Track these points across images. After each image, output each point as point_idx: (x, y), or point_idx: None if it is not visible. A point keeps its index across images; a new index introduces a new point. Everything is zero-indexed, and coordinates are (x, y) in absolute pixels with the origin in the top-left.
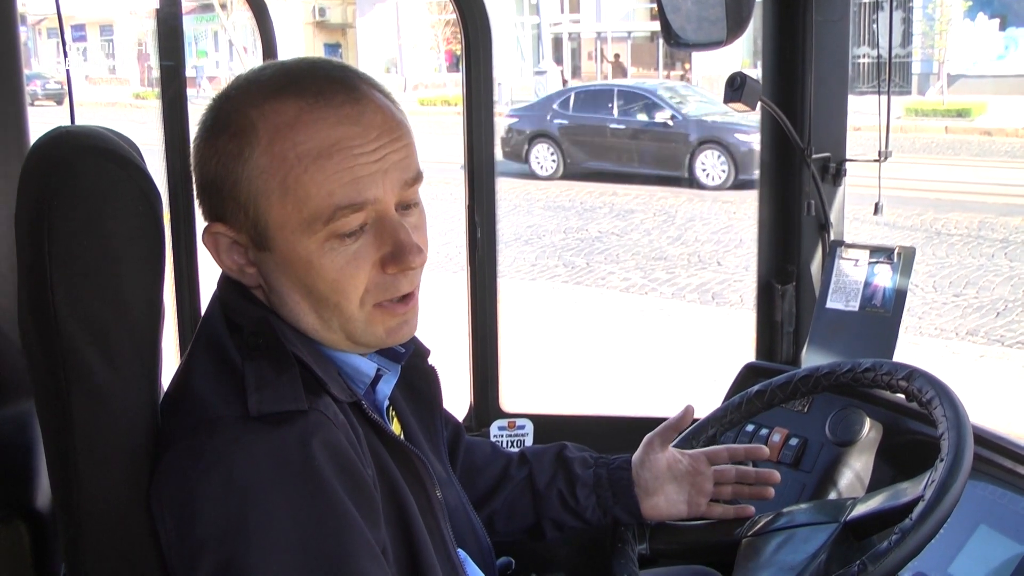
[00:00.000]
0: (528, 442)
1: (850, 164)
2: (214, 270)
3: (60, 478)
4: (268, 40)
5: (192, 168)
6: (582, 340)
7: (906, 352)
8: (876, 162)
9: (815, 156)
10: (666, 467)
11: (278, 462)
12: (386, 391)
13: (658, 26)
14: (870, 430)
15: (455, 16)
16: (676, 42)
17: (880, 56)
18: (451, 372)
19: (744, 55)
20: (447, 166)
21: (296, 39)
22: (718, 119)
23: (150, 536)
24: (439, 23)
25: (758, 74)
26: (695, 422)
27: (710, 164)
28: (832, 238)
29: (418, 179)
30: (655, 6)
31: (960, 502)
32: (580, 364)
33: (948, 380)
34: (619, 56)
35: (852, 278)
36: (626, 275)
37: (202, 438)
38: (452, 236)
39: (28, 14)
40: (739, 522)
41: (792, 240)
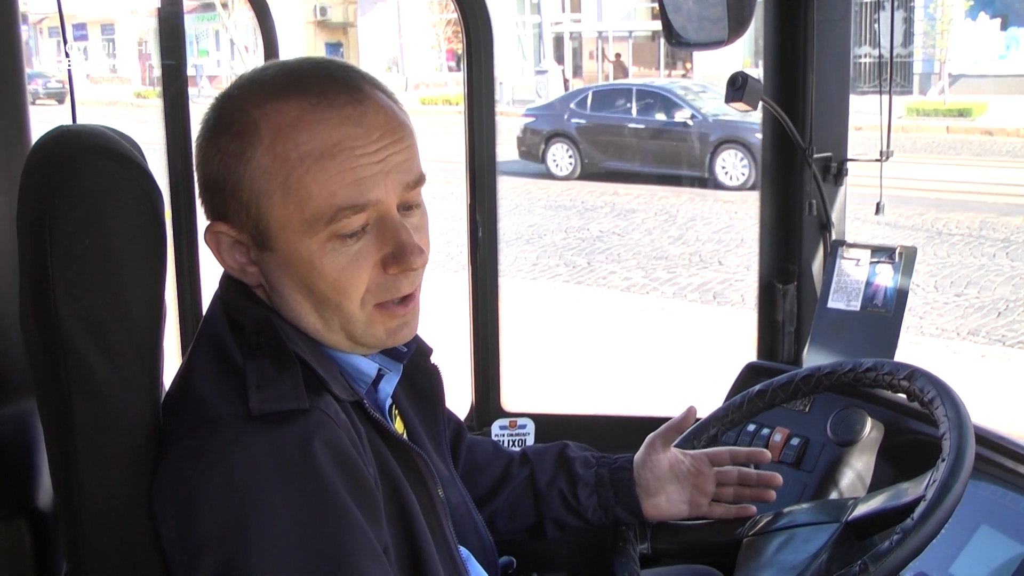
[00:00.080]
0: (529, 441)
1: (851, 164)
2: (216, 269)
3: (61, 477)
4: (269, 39)
5: (194, 167)
6: (583, 339)
7: (907, 352)
8: (877, 162)
9: (816, 156)
10: (668, 467)
11: (279, 461)
12: (388, 390)
13: (659, 25)
14: (871, 430)
15: (456, 15)
16: (677, 42)
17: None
18: (452, 371)
19: (745, 54)
20: (448, 165)
21: (297, 38)
22: (738, 118)
23: (151, 535)
24: (440, 22)
25: (759, 73)
26: (696, 421)
27: (731, 164)
28: (833, 238)
29: (420, 181)
30: (656, 5)
31: (961, 502)
32: (581, 363)
33: (949, 380)
34: (620, 55)
35: (853, 278)
36: (627, 274)
37: (203, 437)
38: (453, 235)
39: (29, 13)
40: (740, 522)
41: (793, 240)
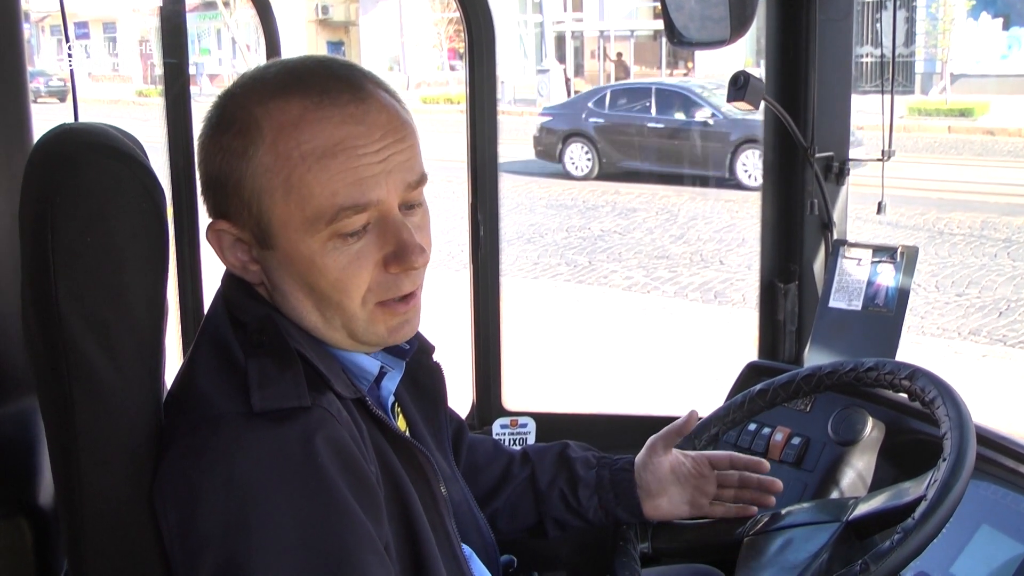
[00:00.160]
0: (530, 440)
1: (853, 163)
2: (217, 268)
3: (62, 475)
4: (271, 38)
5: (196, 164)
6: (584, 338)
7: (909, 351)
8: (879, 161)
9: (818, 155)
10: (669, 470)
11: (281, 459)
12: (391, 387)
13: (661, 25)
14: (872, 429)
15: (458, 14)
16: (679, 41)
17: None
18: (454, 370)
19: (747, 54)
20: (449, 164)
21: (299, 37)
22: (760, 117)
23: (152, 533)
24: (442, 21)
25: (761, 73)
26: (698, 420)
27: (752, 164)
28: (835, 237)
29: (422, 181)
30: (658, 5)
31: (962, 502)
32: (582, 362)
33: (951, 380)
34: (621, 55)
35: (855, 277)
36: (628, 274)
37: (205, 435)
38: (454, 234)
39: (31, 11)
40: (741, 521)
41: (795, 239)
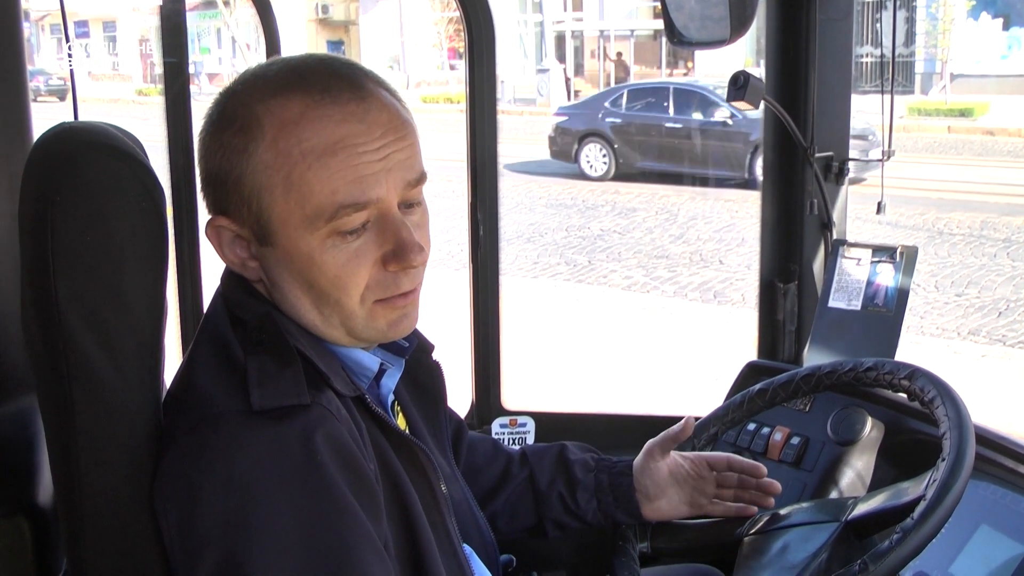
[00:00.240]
0: (530, 440)
1: (852, 163)
2: (217, 268)
3: (62, 474)
4: (271, 37)
5: (196, 161)
6: (584, 338)
7: (908, 351)
8: (879, 161)
9: (818, 155)
10: (668, 473)
11: (280, 457)
12: (390, 385)
13: (661, 24)
14: (872, 429)
15: (458, 13)
16: (679, 41)
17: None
18: (453, 369)
19: (747, 54)
20: (449, 163)
21: (299, 36)
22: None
23: (152, 532)
24: (442, 20)
25: (761, 73)
26: (697, 420)
27: None
28: (834, 237)
29: (422, 179)
30: (658, 4)
31: (961, 502)
32: (582, 362)
33: (950, 380)
34: (621, 54)
35: (854, 277)
36: (628, 273)
37: (205, 433)
38: (454, 233)
39: (31, 10)
40: (740, 521)
41: (794, 239)
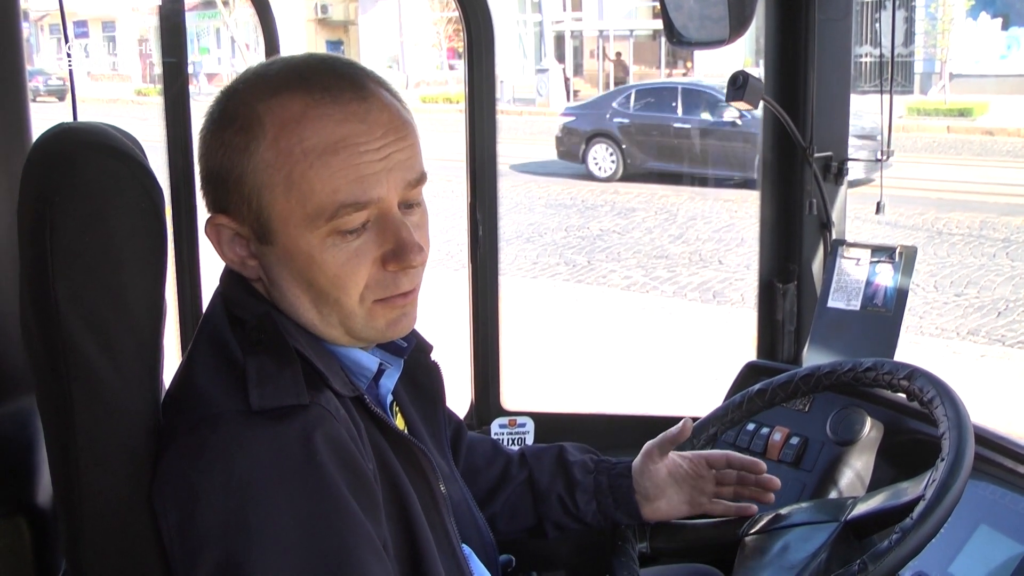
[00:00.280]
0: (529, 440)
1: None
2: (216, 268)
3: (61, 474)
4: (270, 37)
5: (197, 159)
6: (583, 338)
7: (907, 351)
8: (878, 161)
9: (817, 155)
10: (667, 474)
11: (279, 457)
12: (389, 385)
13: (660, 24)
14: (871, 429)
15: (457, 13)
16: (678, 41)
17: (882, 55)
18: (452, 370)
19: (746, 54)
20: (448, 163)
21: (298, 36)
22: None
23: (151, 533)
24: (441, 20)
25: (760, 73)
26: (696, 420)
27: None
28: (834, 237)
29: (422, 180)
30: (657, 4)
31: (960, 502)
32: (581, 362)
33: (949, 380)
34: (620, 54)
35: (853, 277)
36: (627, 273)
37: (204, 433)
38: (453, 234)
39: (30, 10)
40: (740, 521)
41: (794, 239)
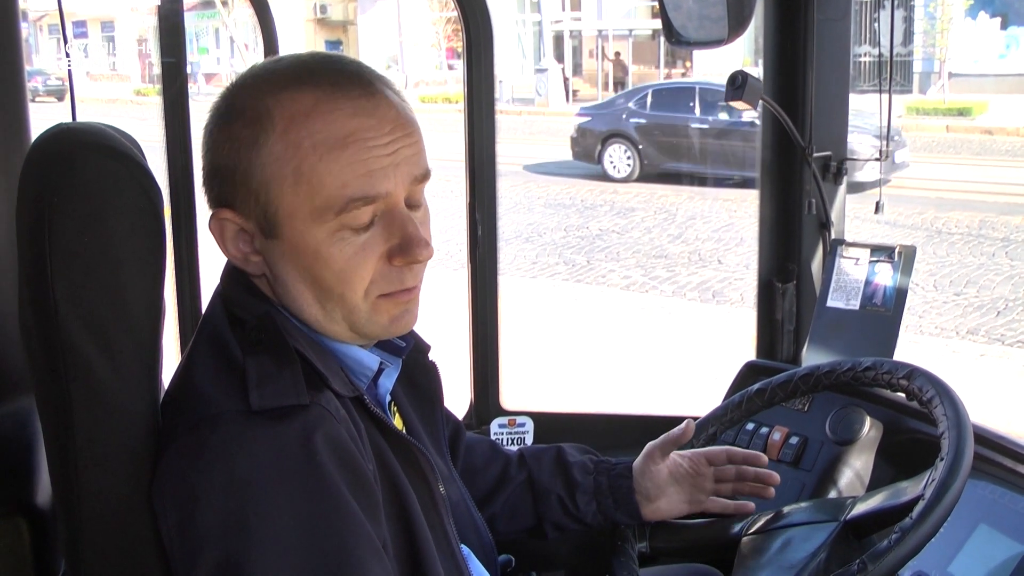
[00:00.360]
0: (529, 440)
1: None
2: (215, 268)
3: (60, 475)
4: (269, 37)
5: (201, 154)
6: (583, 338)
7: (906, 351)
8: (877, 161)
9: (816, 155)
10: (667, 474)
11: (279, 457)
12: (388, 385)
13: (659, 24)
14: (870, 429)
15: (456, 13)
16: (677, 40)
17: (881, 55)
18: (451, 370)
19: (745, 53)
20: (448, 163)
21: (297, 36)
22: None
23: (150, 533)
24: (440, 20)
25: (759, 72)
26: (695, 420)
27: None
28: (833, 237)
29: (427, 176)
30: (656, 4)
31: (960, 501)
32: (581, 362)
33: (948, 379)
34: (619, 54)
35: (853, 277)
36: (627, 273)
37: (204, 434)
38: (453, 233)
39: (29, 10)
40: (739, 520)
41: (793, 239)
